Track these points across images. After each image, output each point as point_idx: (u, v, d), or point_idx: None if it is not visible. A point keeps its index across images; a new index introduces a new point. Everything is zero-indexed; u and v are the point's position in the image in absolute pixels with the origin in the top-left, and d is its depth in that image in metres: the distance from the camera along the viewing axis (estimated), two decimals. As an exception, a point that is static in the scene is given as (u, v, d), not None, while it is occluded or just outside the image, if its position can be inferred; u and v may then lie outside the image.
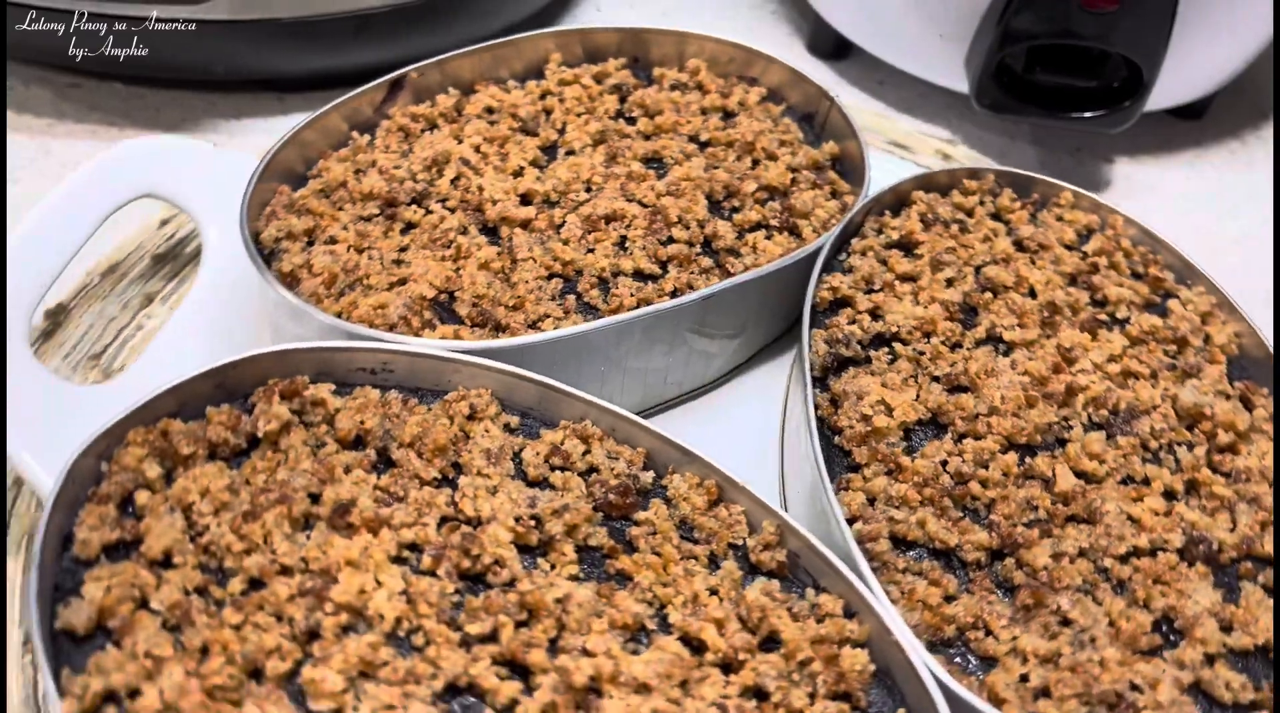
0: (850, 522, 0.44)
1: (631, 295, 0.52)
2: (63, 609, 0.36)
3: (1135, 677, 0.39)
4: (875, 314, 0.52)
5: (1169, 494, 0.46)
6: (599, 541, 0.42)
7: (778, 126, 0.62)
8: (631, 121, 0.62)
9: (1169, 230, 0.55)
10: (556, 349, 0.49)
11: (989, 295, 0.53)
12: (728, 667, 0.39)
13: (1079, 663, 0.39)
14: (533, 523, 0.41)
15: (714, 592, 0.41)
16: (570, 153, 0.59)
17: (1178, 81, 0.69)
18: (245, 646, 0.36)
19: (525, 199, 0.56)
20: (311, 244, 0.53)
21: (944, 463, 0.46)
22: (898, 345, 0.50)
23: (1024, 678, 0.39)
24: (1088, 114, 0.66)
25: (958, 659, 0.41)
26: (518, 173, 0.57)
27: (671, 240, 0.54)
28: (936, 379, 0.49)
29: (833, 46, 0.80)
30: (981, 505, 0.45)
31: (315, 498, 0.41)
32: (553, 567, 0.41)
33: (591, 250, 0.53)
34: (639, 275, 0.53)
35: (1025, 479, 0.46)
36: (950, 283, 0.53)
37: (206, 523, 0.40)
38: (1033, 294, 0.53)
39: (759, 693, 0.38)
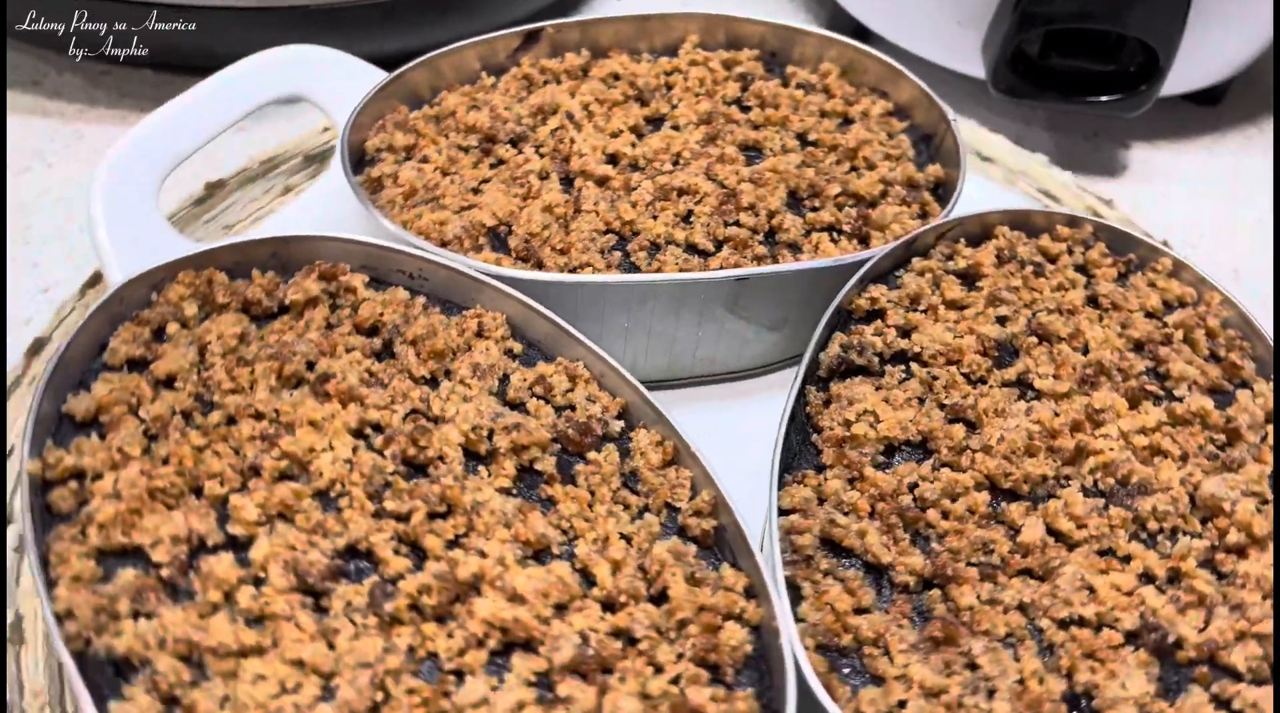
0: (787, 513, 0.43)
1: (675, 264, 0.53)
2: (72, 397, 0.43)
3: (1017, 742, 0.37)
4: (904, 331, 0.51)
5: (1146, 577, 0.42)
6: (544, 466, 0.44)
7: (890, 141, 0.62)
8: (745, 110, 0.63)
9: (1184, 215, 0.55)
10: (579, 294, 0.51)
11: (1034, 340, 0.50)
12: (610, 606, 0.40)
13: (963, 707, 0.38)
14: (486, 434, 0.44)
15: (627, 538, 0.42)
16: (674, 128, 0.61)
17: (1194, 66, 0.69)
18: (197, 465, 0.41)
19: (613, 159, 0.58)
20: (408, 160, 0.58)
21: (913, 485, 0.45)
22: (916, 366, 0.49)
23: (901, 705, 0.38)
24: (1104, 98, 0.66)
25: (846, 670, 0.40)
26: (615, 134, 0.60)
27: (736, 224, 0.55)
28: (942, 406, 0.48)
29: (850, 32, 0.78)
30: (934, 535, 0.43)
31: (311, 366, 0.46)
32: (489, 475, 0.43)
33: (655, 217, 0.55)
34: (691, 248, 0.55)
35: (992, 522, 0.44)
36: (1002, 321, 0.52)
37: (213, 361, 0.45)
38: (1086, 350, 0.50)
39: (629, 638, 0.39)
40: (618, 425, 0.46)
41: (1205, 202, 0.71)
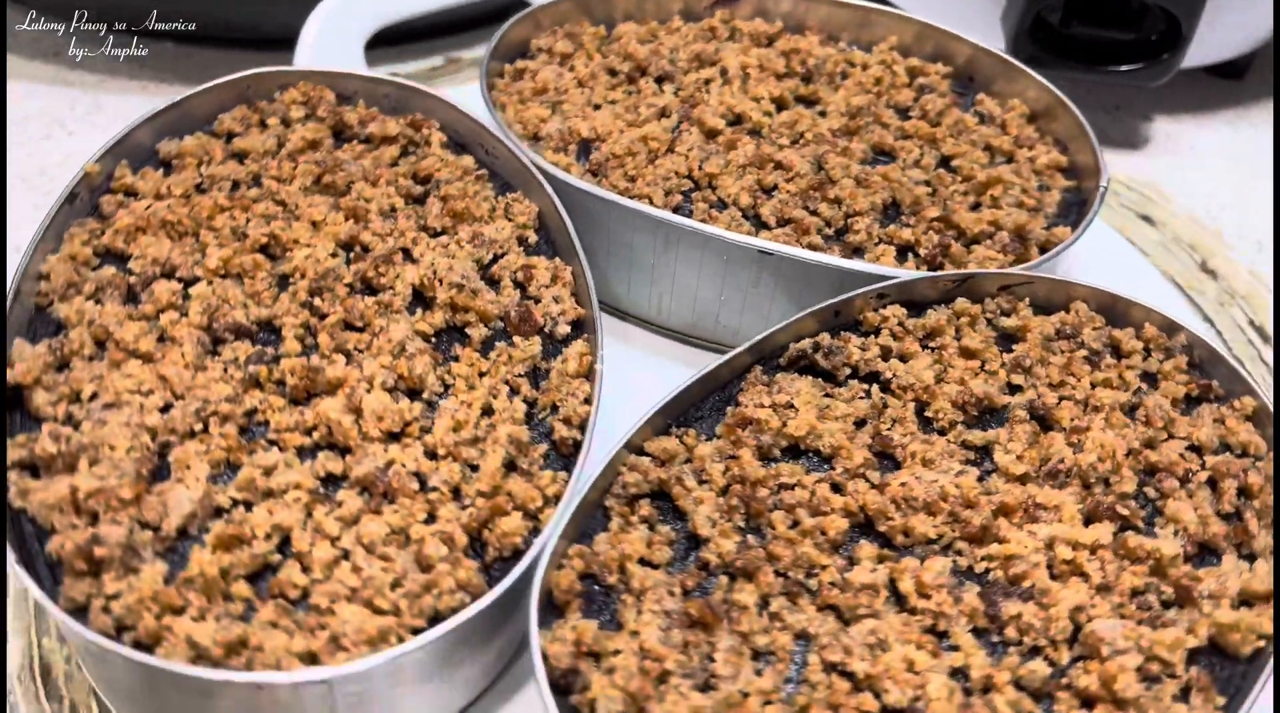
0: (638, 450, 0.43)
1: (726, 225, 0.53)
2: (165, 141, 0.52)
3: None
4: (889, 355, 0.47)
5: (957, 673, 0.38)
6: (472, 332, 0.47)
7: (1036, 192, 0.57)
8: (905, 118, 0.61)
9: (1206, 188, 0.61)
10: (610, 212, 0.53)
11: (1026, 417, 0.45)
12: (431, 455, 0.42)
13: (664, 682, 0.36)
14: (439, 284, 0.48)
15: (492, 412, 0.44)
16: (821, 113, 0.60)
17: (1216, 38, 0.68)
18: (209, 217, 0.49)
19: (737, 120, 0.59)
20: (561, 64, 0.62)
21: (785, 486, 0.43)
22: (877, 390, 0.46)
23: (615, 653, 0.37)
24: (1125, 68, 0.67)
25: (596, 605, 0.39)
26: (756, 99, 0.60)
27: (813, 211, 0.54)
28: (878, 435, 0.44)
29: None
30: (770, 534, 0.41)
31: (351, 187, 0.52)
32: (420, 316, 0.47)
33: (737, 179, 0.56)
34: (754, 217, 0.54)
35: (836, 552, 0.41)
36: (1012, 389, 0.47)
37: (280, 153, 0.53)
38: (1079, 449, 0.44)
39: (425, 485, 0.41)
40: (565, 330, 0.48)
41: (1228, 175, 0.71)
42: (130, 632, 0.36)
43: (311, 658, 0.36)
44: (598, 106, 0.60)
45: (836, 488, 0.43)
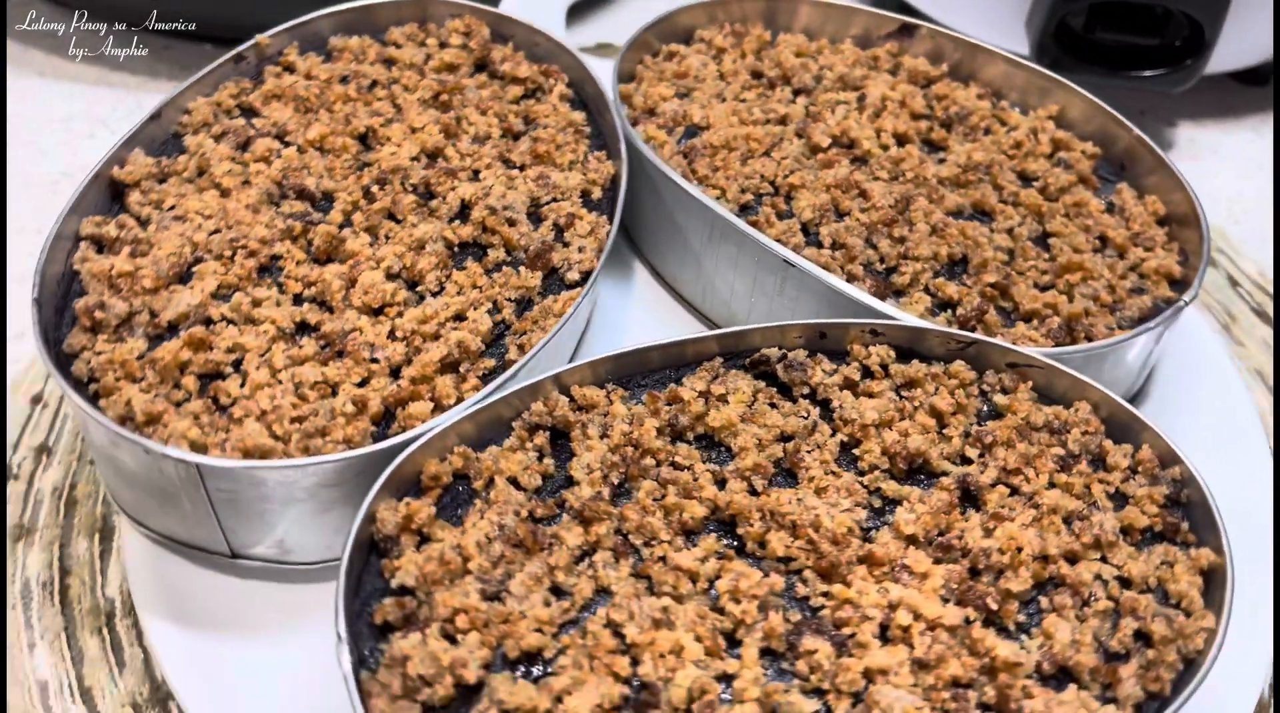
0: (564, 389, 0.46)
1: (779, 234, 0.54)
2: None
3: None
4: (852, 388, 0.47)
5: (724, 678, 0.37)
6: (492, 254, 0.52)
7: (1125, 281, 0.53)
8: (1027, 184, 0.58)
9: (1230, 194, 0.65)
10: (669, 190, 0.56)
11: (950, 485, 0.43)
12: (392, 333, 0.48)
13: (450, 584, 0.39)
14: (482, 202, 0.53)
15: (474, 308, 0.49)
16: (941, 160, 0.59)
17: (1240, 44, 0.69)
18: (333, 103, 0.57)
19: (849, 144, 0.59)
20: (712, 51, 0.65)
21: (676, 465, 0.44)
22: (816, 412, 0.46)
23: (423, 541, 0.41)
24: (1148, 73, 0.68)
25: (449, 498, 0.43)
26: (878, 130, 0.60)
27: (869, 243, 0.54)
28: (790, 452, 0.44)
29: (894, 8, 0.73)
30: (633, 498, 0.42)
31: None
32: (460, 223, 0.52)
33: (817, 195, 0.56)
34: (809, 231, 0.55)
35: (685, 533, 0.42)
36: (964, 461, 0.45)
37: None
38: (988, 533, 0.42)
39: (392, 334, 0.47)
40: (574, 277, 0.52)
41: (1251, 180, 0.73)
42: (95, 383, 0.45)
43: (198, 448, 0.42)
44: (724, 99, 0.62)
45: (721, 482, 0.43)
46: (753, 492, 0.43)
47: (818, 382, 0.47)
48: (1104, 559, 0.42)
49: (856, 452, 0.45)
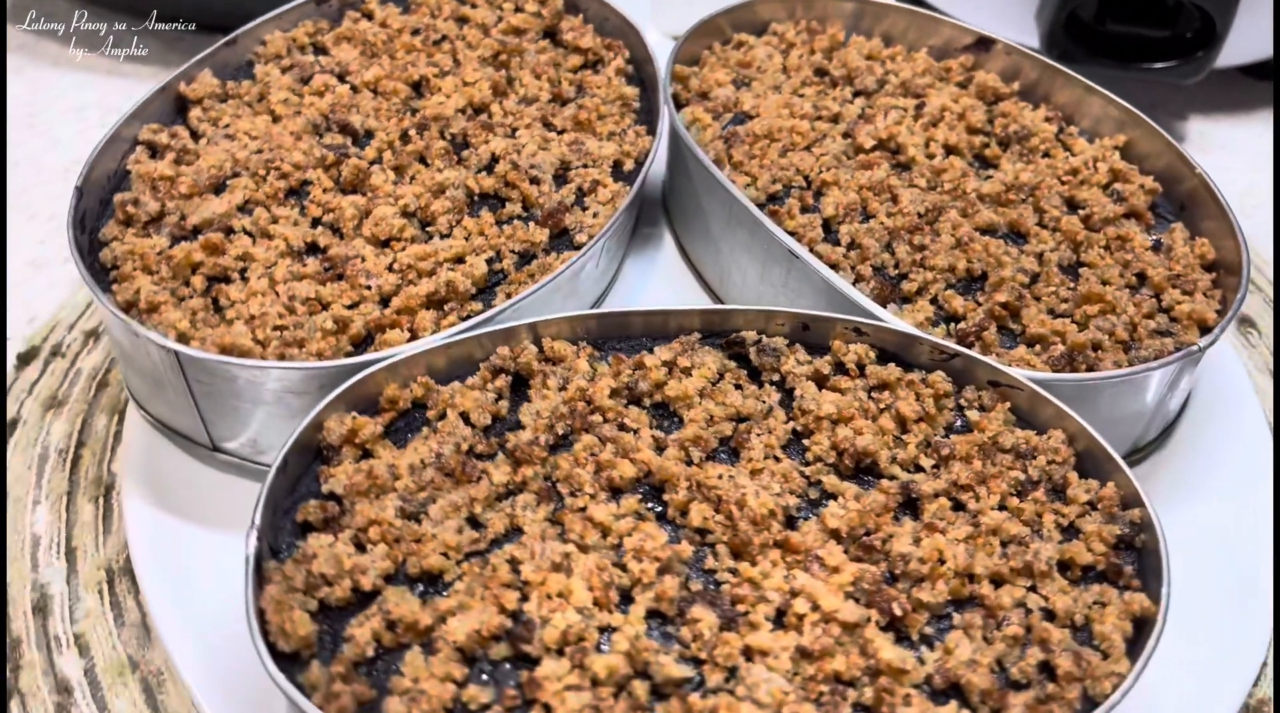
0: (536, 339, 0.47)
1: (795, 228, 0.54)
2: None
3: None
4: (820, 380, 0.46)
5: (605, 630, 0.38)
6: (510, 207, 0.53)
7: (1149, 322, 0.50)
8: (1072, 211, 0.56)
9: (1241, 188, 0.65)
10: (696, 170, 0.56)
11: (892, 489, 0.42)
12: (393, 266, 0.50)
13: (369, 498, 0.41)
14: (509, 158, 0.55)
15: (476, 254, 0.51)
16: (989, 177, 0.58)
17: (1251, 38, 0.68)
18: (397, 51, 0.60)
19: (894, 149, 0.58)
20: (783, 51, 0.65)
21: (622, 426, 0.44)
22: (779, 399, 0.46)
23: (365, 455, 0.43)
24: (1159, 65, 0.68)
25: (412, 422, 0.45)
26: (928, 140, 0.59)
27: (887, 248, 0.53)
28: (740, 432, 0.44)
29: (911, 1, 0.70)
30: (571, 450, 0.43)
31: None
32: (486, 175, 0.54)
33: (846, 194, 0.55)
34: (829, 228, 0.55)
35: (611, 489, 0.42)
36: (916, 469, 0.44)
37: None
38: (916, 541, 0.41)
39: (391, 267, 0.49)
40: (582, 239, 0.53)
41: (1262, 174, 0.73)
42: (116, 270, 0.49)
43: (183, 339, 0.46)
44: (779, 92, 0.62)
45: (662, 449, 0.44)
46: (689, 463, 0.43)
47: (788, 370, 0.47)
48: (1034, 588, 0.40)
49: (806, 442, 0.45)
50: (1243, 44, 0.69)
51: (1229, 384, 0.56)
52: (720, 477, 0.42)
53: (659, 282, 0.61)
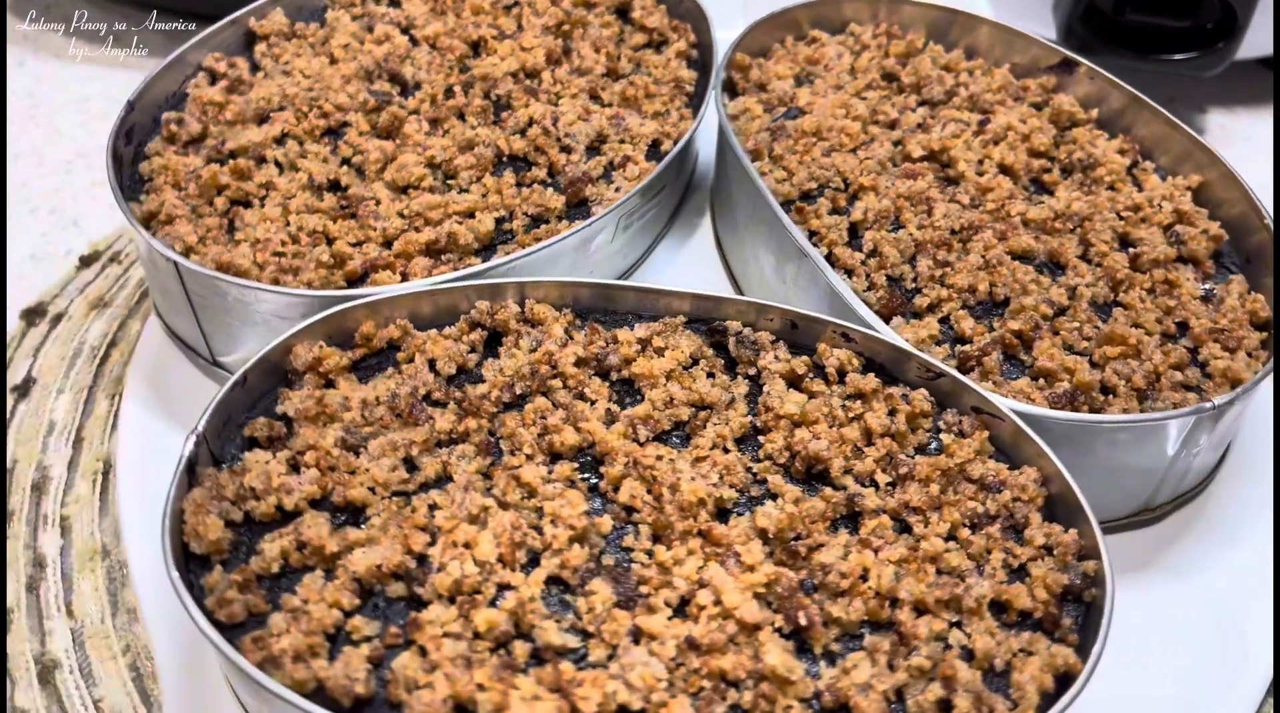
0: (521, 300, 0.47)
1: (817, 228, 0.53)
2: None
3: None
4: (793, 380, 0.45)
5: (504, 589, 0.38)
6: (534, 173, 0.54)
7: (1173, 375, 0.47)
8: (1123, 248, 0.52)
9: (1260, 181, 0.58)
10: (730, 158, 0.55)
11: (836, 498, 0.41)
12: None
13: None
14: (542, 123, 0.55)
15: (487, 210, 0.51)
16: (1040, 202, 0.55)
17: (1271, 30, 0.67)
18: (479, 13, 0.61)
19: (934, 157, 0.56)
20: (855, 53, 0.63)
21: (579, 395, 0.44)
22: (744, 391, 0.44)
23: (320, 407, 0.44)
24: (1179, 56, 0.67)
25: (383, 361, 0.46)
26: (983, 158, 0.56)
27: (909, 261, 0.51)
28: (697, 420, 0.43)
29: None
30: (524, 410, 0.43)
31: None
32: (503, 128, 0.55)
33: (881, 201, 0.53)
34: (854, 233, 0.53)
35: (550, 454, 0.42)
36: (871, 484, 0.42)
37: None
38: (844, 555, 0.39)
39: (403, 214, 0.50)
40: (598, 212, 0.53)
41: None
42: (150, 183, 0.51)
43: (189, 252, 0.48)
44: (839, 91, 0.60)
45: (612, 421, 0.43)
46: (636, 441, 0.43)
47: (764, 365, 0.45)
48: (959, 624, 0.38)
49: (762, 439, 0.43)
50: (1263, 37, 0.66)
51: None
52: (660, 458, 0.41)
53: (687, 268, 0.60)
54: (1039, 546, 0.40)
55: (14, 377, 0.56)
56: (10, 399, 0.54)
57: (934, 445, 0.44)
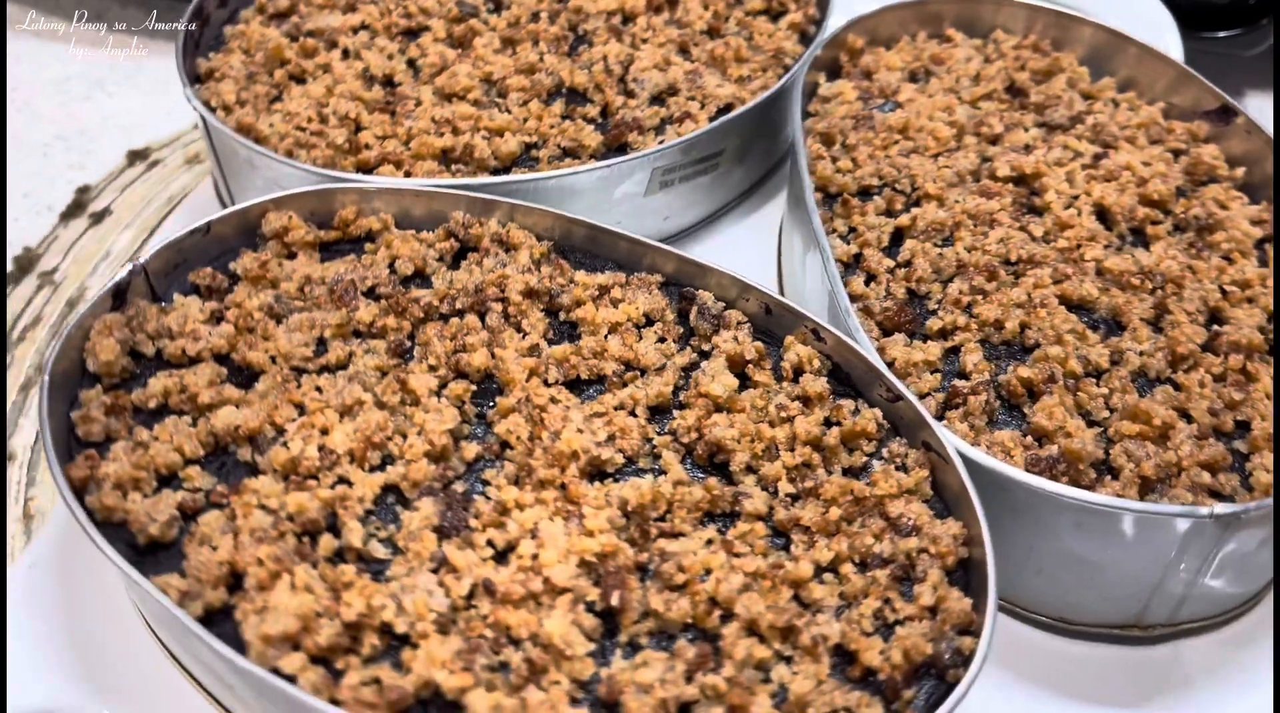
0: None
1: (856, 225, 0.48)
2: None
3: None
4: (742, 365, 0.41)
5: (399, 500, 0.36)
6: (591, 102, 0.52)
7: (1202, 473, 0.39)
8: (1196, 322, 0.44)
9: None
10: (792, 145, 0.51)
11: (754, 502, 0.37)
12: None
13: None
14: (610, 67, 0.53)
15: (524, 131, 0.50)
16: (1119, 249, 0.47)
17: None
18: None
19: (1038, 190, 0.49)
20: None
21: (511, 320, 0.42)
22: (683, 361, 0.41)
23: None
24: (1221, 34, 0.67)
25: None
26: (1077, 193, 0.49)
27: (941, 279, 0.46)
28: (609, 378, 0.40)
29: None
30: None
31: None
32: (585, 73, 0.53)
33: (939, 213, 0.48)
34: (890, 237, 0.48)
35: (445, 369, 0.40)
36: (789, 500, 0.37)
37: None
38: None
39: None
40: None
41: None
42: (225, 45, 0.54)
43: (225, 109, 0.49)
44: (949, 93, 0.54)
45: (533, 355, 0.41)
46: (545, 383, 0.40)
47: (717, 342, 0.42)
48: (789, 660, 0.33)
49: (675, 413, 0.40)
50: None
51: None
52: (555, 402, 0.39)
53: (739, 243, 0.56)
54: (923, 605, 0.34)
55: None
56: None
57: (860, 470, 0.39)
